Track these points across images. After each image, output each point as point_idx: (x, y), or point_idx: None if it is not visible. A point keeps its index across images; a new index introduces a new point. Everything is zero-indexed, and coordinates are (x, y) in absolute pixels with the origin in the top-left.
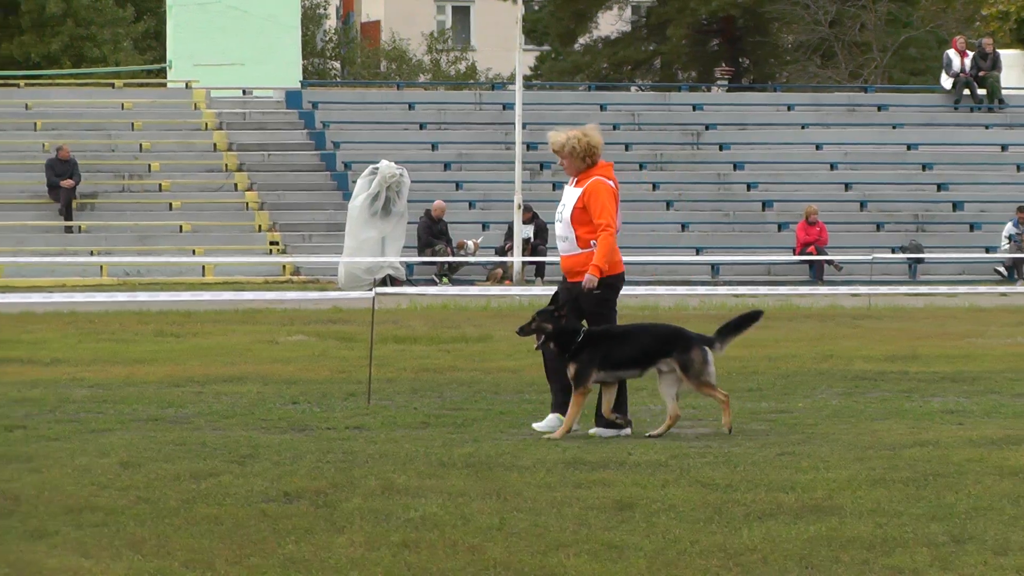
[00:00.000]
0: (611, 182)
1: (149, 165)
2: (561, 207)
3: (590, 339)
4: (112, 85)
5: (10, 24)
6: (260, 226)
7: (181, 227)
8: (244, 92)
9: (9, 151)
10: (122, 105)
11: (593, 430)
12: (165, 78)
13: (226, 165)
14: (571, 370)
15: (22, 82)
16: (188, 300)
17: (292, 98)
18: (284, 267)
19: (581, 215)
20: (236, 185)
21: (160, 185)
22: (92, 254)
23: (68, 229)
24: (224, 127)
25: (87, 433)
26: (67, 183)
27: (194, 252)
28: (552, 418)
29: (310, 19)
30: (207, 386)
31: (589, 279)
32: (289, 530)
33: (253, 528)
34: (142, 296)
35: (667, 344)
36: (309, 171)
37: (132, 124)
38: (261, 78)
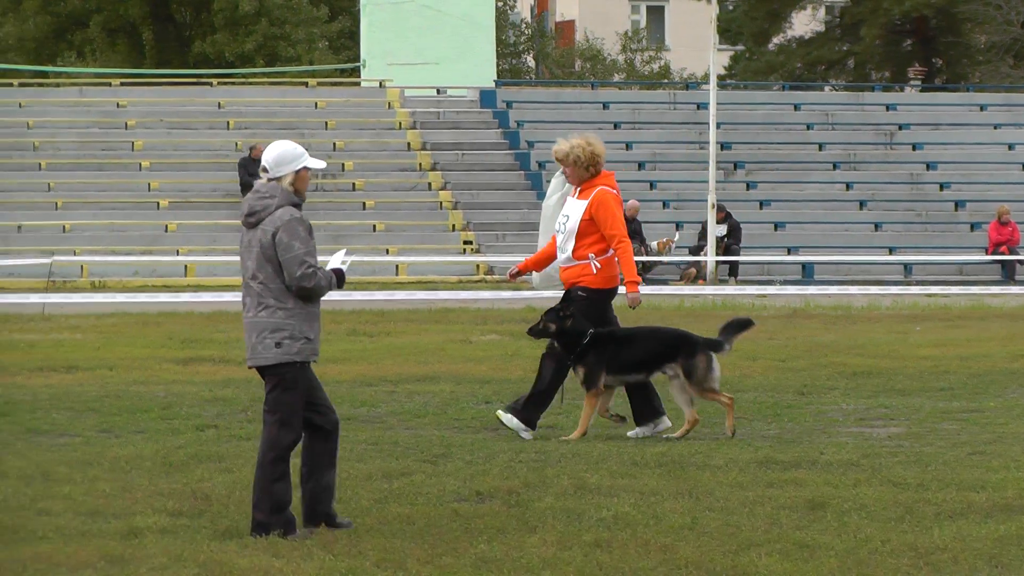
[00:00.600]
0: (614, 191)
1: (343, 164)
2: (563, 218)
3: (597, 341)
4: (305, 84)
5: (203, 23)
6: (454, 225)
7: (375, 226)
8: (438, 91)
9: (202, 150)
10: (315, 104)
11: (631, 432)
12: (359, 77)
13: (420, 164)
14: (580, 373)
15: (215, 81)
16: (382, 299)
17: (486, 97)
18: (478, 266)
19: (588, 226)
20: (430, 184)
21: (354, 184)
22: None
23: None
24: (418, 126)
25: None
26: None
27: (387, 251)
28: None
29: (504, 19)
30: (400, 385)
31: (633, 297)
32: (481, 529)
33: (445, 527)
34: (335, 295)
35: (672, 348)
36: (503, 170)
37: (326, 123)
38: (455, 77)
